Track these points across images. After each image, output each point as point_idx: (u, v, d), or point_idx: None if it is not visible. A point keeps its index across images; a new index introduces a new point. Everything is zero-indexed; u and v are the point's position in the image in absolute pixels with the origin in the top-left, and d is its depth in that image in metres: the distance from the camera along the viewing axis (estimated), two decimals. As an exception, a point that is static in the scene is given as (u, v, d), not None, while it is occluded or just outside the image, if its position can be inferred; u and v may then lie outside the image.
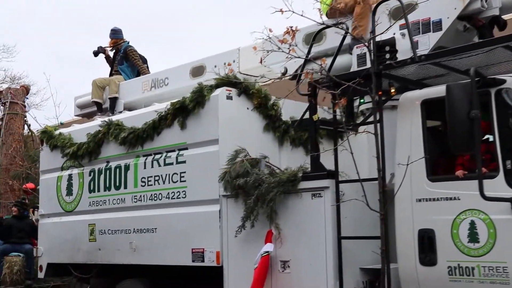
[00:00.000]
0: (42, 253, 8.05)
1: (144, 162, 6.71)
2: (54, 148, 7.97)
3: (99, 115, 8.72)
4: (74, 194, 7.60)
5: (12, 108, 11.34)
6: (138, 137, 6.72)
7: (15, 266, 9.47)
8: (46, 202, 8.12)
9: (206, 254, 5.93)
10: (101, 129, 7.22)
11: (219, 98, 6.06)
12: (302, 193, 5.19)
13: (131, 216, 6.78)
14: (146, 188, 6.64)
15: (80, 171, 7.56)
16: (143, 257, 6.60)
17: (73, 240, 7.51)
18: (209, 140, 6.06)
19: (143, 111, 6.97)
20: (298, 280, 5.14)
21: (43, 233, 8.14)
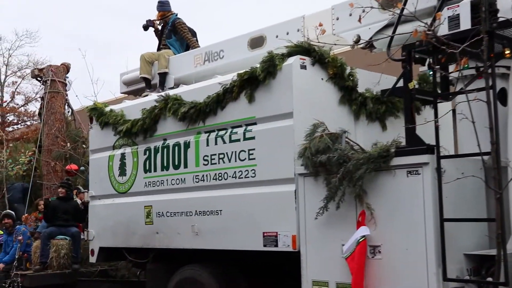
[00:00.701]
0: (93, 237, 7.66)
1: (206, 139, 6.22)
2: (105, 126, 7.53)
3: (148, 91, 8.25)
4: (128, 175, 7.16)
5: (53, 86, 10.93)
6: (200, 112, 6.22)
7: (62, 250, 9.10)
8: (96, 183, 7.70)
9: (280, 238, 5.43)
10: (158, 105, 6.74)
11: (293, 67, 5.51)
12: (395, 170, 4.63)
13: (192, 198, 6.31)
14: (209, 167, 6.15)
15: (134, 150, 7.11)
16: (206, 242, 6.13)
17: (128, 223, 7.09)
18: (281, 114, 5.53)
19: (205, 84, 6.45)
20: (392, 267, 4.60)
21: (93, 215, 7.73)
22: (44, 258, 9.00)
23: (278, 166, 5.49)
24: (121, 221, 7.18)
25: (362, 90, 5.94)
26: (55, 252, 9.09)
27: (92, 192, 7.75)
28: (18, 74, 32.21)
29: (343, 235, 4.89)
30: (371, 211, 4.71)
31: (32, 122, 30.48)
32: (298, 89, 5.47)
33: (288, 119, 5.46)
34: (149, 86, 8.43)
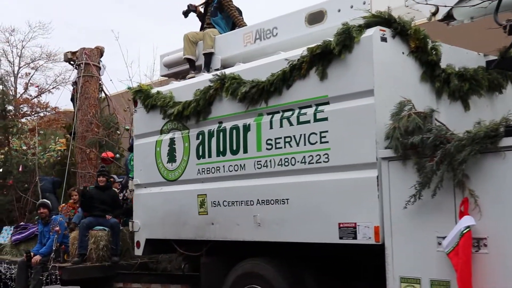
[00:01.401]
0: (138, 228, 7.17)
1: (269, 121, 5.68)
2: (151, 109, 7.03)
3: (192, 73, 7.72)
4: (178, 161, 6.65)
5: (87, 70, 10.44)
6: (263, 92, 5.68)
7: (101, 241, 8.64)
8: (142, 170, 7.21)
9: (359, 229, 4.88)
10: (213, 85, 6.21)
11: (373, 40, 4.94)
12: (505, 152, 4.06)
13: (253, 185, 5.78)
14: (273, 151, 5.62)
15: (185, 134, 6.60)
16: (270, 233, 5.61)
17: (178, 213, 6.59)
18: (360, 92, 4.97)
19: (267, 61, 5.89)
20: (501, 263, 4.05)
21: (139, 205, 7.25)
22: (82, 250, 8.55)
23: (356, 149, 4.94)
24: (171, 211, 6.68)
25: (444, 66, 5.36)
26: (94, 243, 8.64)
27: (137, 180, 7.26)
28: (31, 66, 32.64)
29: (438, 226, 4.34)
30: (474, 198, 4.14)
31: (45, 113, 30.86)
32: (379, 64, 4.91)
33: (368, 97, 4.90)
34: (193, 68, 7.89)
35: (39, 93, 32.23)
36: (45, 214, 8.96)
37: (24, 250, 9.88)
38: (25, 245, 9.87)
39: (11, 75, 31.77)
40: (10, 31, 32.02)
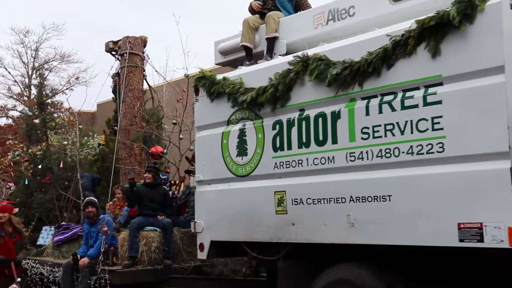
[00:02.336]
0: (202, 229, 6.49)
1: (365, 107, 4.96)
2: (217, 97, 6.35)
3: (247, 64, 7.03)
4: (250, 154, 5.96)
5: (131, 60, 9.81)
6: (357, 73, 4.96)
7: (153, 243, 8.00)
8: (205, 165, 6.53)
9: (487, 230, 4.14)
10: (293, 68, 5.51)
11: (502, 7, 4.20)
12: None
13: (345, 180, 5.07)
14: (370, 141, 4.90)
15: (258, 124, 5.91)
16: (367, 235, 4.88)
17: (250, 212, 5.90)
18: (486, 69, 4.23)
19: (362, 38, 5.16)
20: None
21: (202, 203, 6.57)
22: (133, 252, 7.92)
23: (482, 137, 4.21)
24: (241, 210, 6.00)
25: None
26: (145, 245, 8.02)
27: (200, 176, 6.58)
28: (45, 67, 31.66)
29: None
30: None
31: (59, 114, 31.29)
32: (510, 36, 4.17)
33: (496, 74, 4.16)
34: (249, 57, 7.20)
35: (53, 94, 32.30)
36: (93, 213, 8.33)
37: (66, 251, 9.30)
38: (68, 247, 9.27)
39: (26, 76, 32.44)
40: (25, 32, 32.07)
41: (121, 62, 9.97)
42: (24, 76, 31.82)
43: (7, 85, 32.07)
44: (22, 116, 10.34)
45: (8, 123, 32.08)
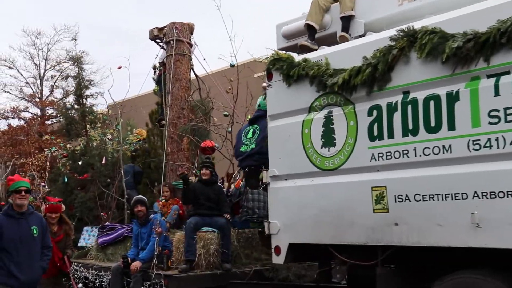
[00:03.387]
0: (278, 230, 5.77)
1: (493, 86, 4.21)
2: (296, 81, 5.62)
3: (308, 42, 6.30)
4: (339, 145, 5.23)
5: (178, 48, 9.10)
6: (485, 46, 4.20)
7: (211, 245, 7.30)
8: (281, 158, 5.80)
9: None
10: (396, 44, 4.76)
11: None
12: None
13: (467, 173, 4.31)
14: (501, 126, 4.14)
15: (349, 110, 5.17)
16: (499, 237, 4.12)
17: (340, 211, 5.16)
18: None
19: (488, 5, 4.39)
20: None
21: (278, 201, 5.85)
22: (191, 255, 7.23)
23: None
24: (328, 208, 5.26)
25: None
26: (203, 248, 7.32)
27: (275, 171, 5.85)
28: (56, 68, 32.08)
29: None
30: None
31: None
32: None
33: None
34: (312, 38, 6.47)
35: (65, 95, 31.47)
36: (143, 212, 7.64)
37: (112, 254, 8.65)
38: (113, 249, 8.63)
39: (37, 78, 32.37)
40: (36, 34, 32.19)
41: (167, 50, 9.27)
42: (36, 77, 32.11)
43: (19, 87, 32.41)
44: (60, 110, 9.63)
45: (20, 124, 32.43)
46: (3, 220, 5.42)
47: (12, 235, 5.38)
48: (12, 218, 5.46)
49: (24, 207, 5.51)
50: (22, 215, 5.51)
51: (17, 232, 5.42)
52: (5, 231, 5.35)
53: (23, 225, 5.49)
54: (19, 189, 5.43)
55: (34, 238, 5.54)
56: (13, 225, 5.42)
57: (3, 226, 5.36)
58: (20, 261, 5.36)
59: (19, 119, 32.82)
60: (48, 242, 5.87)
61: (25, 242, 5.45)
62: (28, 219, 5.56)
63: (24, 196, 5.44)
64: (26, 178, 5.75)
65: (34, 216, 5.69)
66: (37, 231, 5.59)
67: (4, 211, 5.55)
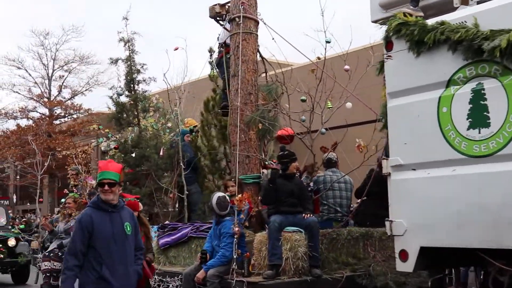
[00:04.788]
0: (404, 231, 4.76)
1: None
2: (430, 49, 4.60)
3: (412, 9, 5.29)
4: (495, 125, 4.23)
5: (245, 26, 8.10)
6: None
7: (299, 248, 6.31)
8: (407, 144, 4.80)
9: None
10: None
11: None
12: None
13: None
14: None
15: (509, 82, 4.14)
16: None
17: (498, 207, 4.14)
18: None
19: None
20: None
21: (403, 196, 4.84)
22: (276, 259, 6.23)
23: None
24: (479, 204, 4.25)
25: None
26: (290, 250, 6.32)
27: (398, 160, 4.84)
28: (65, 68, 33.27)
29: None
30: None
31: (78, 115, 31.95)
32: None
33: None
34: (415, 3, 5.47)
35: (72, 95, 33.05)
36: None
37: (174, 257, 7.71)
38: (176, 251, 7.70)
39: (45, 78, 32.80)
40: (45, 34, 32.58)
41: (231, 28, 8.26)
42: (44, 77, 32.02)
43: (27, 87, 32.34)
44: (112, 96, 8.69)
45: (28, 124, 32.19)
46: (93, 214, 4.47)
47: (105, 233, 4.43)
48: (103, 211, 4.52)
49: (114, 200, 4.56)
50: (114, 207, 4.56)
51: (110, 228, 4.46)
52: (96, 228, 4.41)
53: (116, 220, 4.52)
54: (102, 182, 4.48)
55: (127, 236, 4.56)
56: (104, 220, 4.47)
57: (94, 221, 4.42)
58: (113, 263, 4.40)
59: (28, 119, 32.77)
60: (141, 243, 4.92)
61: (119, 241, 4.49)
62: (121, 214, 4.62)
63: (109, 191, 4.48)
64: (118, 165, 4.71)
65: (126, 210, 4.72)
66: (130, 229, 4.61)
67: (93, 203, 4.59)
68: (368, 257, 6.97)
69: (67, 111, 32.67)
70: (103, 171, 4.48)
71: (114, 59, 9.09)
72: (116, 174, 4.52)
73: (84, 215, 4.52)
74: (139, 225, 5.92)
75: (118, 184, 4.54)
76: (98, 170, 4.54)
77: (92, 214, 4.50)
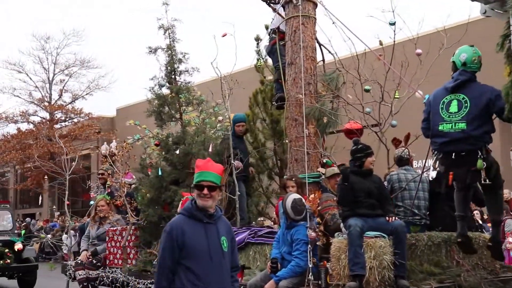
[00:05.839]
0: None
1: None
2: None
3: None
4: None
5: (303, 8, 7.29)
6: None
7: (385, 256, 5.53)
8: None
9: None
10: None
11: None
12: None
13: None
14: None
15: None
16: None
17: None
18: None
19: None
20: None
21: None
22: (359, 269, 5.48)
23: None
24: None
25: None
26: (374, 259, 5.54)
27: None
28: (65, 72, 33.75)
29: None
30: None
31: (79, 119, 32.32)
32: None
33: None
34: None
35: (73, 99, 33.59)
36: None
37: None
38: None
39: (46, 82, 33.30)
40: (46, 38, 33.15)
41: (288, 11, 7.46)
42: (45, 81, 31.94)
43: (28, 91, 32.26)
44: (153, 88, 7.91)
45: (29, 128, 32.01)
46: (185, 224, 3.72)
47: (199, 246, 3.71)
48: (197, 221, 3.77)
49: (212, 208, 3.79)
50: (210, 217, 3.79)
51: (205, 243, 3.74)
52: (187, 241, 3.68)
53: (212, 233, 3.80)
54: (201, 184, 3.73)
55: (223, 253, 3.83)
56: (199, 231, 3.76)
57: (185, 232, 3.68)
58: (208, 283, 3.64)
59: (28, 123, 32.65)
60: (237, 261, 4.16)
61: (216, 259, 3.76)
62: (217, 225, 3.86)
63: (208, 195, 3.72)
64: (219, 165, 3.91)
65: (223, 222, 3.96)
66: (226, 244, 3.87)
67: (186, 210, 3.84)
68: (453, 266, 6.21)
69: (68, 115, 33.06)
70: (203, 171, 3.73)
71: (153, 48, 8.33)
72: (217, 176, 3.78)
73: (174, 225, 3.78)
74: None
75: (219, 188, 3.79)
76: (196, 170, 3.77)
77: (183, 224, 3.75)
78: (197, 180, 3.76)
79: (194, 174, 3.80)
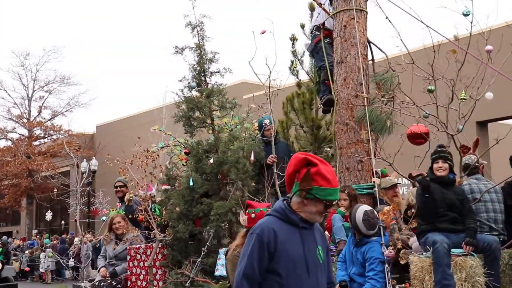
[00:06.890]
0: None
1: None
2: None
3: None
4: None
5: (355, 1, 6.54)
6: None
7: (477, 277, 4.73)
8: None
9: None
10: None
11: None
12: None
13: None
14: None
15: None
16: None
17: None
18: None
19: None
20: None
21: None
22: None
23: None
24: None
25: None
26: (465, 281, 4.76)
27: None
28: (45, 89, 33.34)
29: None
30: None
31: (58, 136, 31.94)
32: None
33: None
34: None
35: (53, 116, 32.92)
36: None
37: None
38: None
39: (25, 98, 32.73)
40: (25, 55, 32.49)
41: (336, 5, 6.74)
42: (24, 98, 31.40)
43: (6, 107, 31.60)
44: (182, 90, 7.10)
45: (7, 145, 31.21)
46: (277, 228, 2.96)
47: (295, 256, 2.99)
48: (292, 225, 3.02)
49: None
50: (306, 222, 3.03)
51: (301, 250, 3.01)
52: (280, 247, 2.96)
53: (309, 240, 3.07)
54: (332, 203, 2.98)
55: (320, 265, 3.10)
56: (294, 237, 3.03)
57: (278, 237, 2.92)
58: None
59: (6, 139, 32.01)
60: (333, 276, 3.37)
61: (312, 270, 3.03)
62: (314, 232, 3.10)
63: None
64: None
65: (318, 229, 3.20)
66: (322, 254, 3.13)
67: (278, 211, 3.07)
68: (539, 288, 5.45)
69: (47, 132, 32.38)
70: (333, 188, 2.99)
71: (179, 47, 7.53)
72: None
73: (264, 227, 3.02)
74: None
75: None
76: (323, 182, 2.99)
77: (275, 227, 2.97)
78: (329, 197, 2.98)
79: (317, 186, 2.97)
